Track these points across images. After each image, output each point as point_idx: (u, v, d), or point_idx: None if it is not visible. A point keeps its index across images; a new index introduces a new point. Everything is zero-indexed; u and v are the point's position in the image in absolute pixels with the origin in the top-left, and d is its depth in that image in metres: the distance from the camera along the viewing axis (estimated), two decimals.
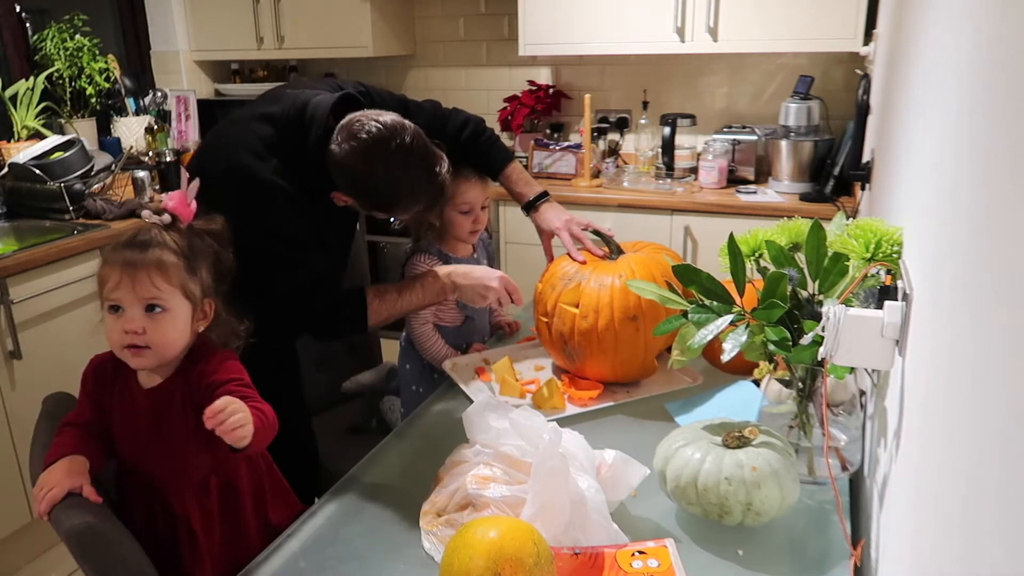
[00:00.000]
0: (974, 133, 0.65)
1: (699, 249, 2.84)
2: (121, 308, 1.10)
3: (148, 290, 1.09)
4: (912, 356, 0.85)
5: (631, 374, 1.56)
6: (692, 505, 1.09)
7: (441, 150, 1.52)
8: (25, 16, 3.16)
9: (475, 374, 1.66)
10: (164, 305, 1.11)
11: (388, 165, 1.42)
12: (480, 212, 1.78)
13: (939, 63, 0.92)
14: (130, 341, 1.10)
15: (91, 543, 1.03)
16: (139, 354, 1.11)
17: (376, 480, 1.31)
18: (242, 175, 1.45)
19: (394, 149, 1.41)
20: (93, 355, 1.24)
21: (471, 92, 3.63)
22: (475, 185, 1.75)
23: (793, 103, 2.88)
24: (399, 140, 1.42)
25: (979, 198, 0.61)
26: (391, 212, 1.53)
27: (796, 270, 1.17)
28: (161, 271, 1.11)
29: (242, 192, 1.46)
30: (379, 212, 1.53)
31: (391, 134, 1.41)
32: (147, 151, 3.29)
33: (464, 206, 1.75)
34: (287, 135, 1.48)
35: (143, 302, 1.10)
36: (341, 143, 1.42)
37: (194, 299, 1.16)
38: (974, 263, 0.60)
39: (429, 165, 1.46)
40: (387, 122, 1.43)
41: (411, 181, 1.45)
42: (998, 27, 0.59)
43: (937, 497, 0.65)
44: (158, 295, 1.10)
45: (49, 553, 2.43)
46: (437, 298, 1.62)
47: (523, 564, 0.90)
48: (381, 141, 1.41)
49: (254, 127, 1.50)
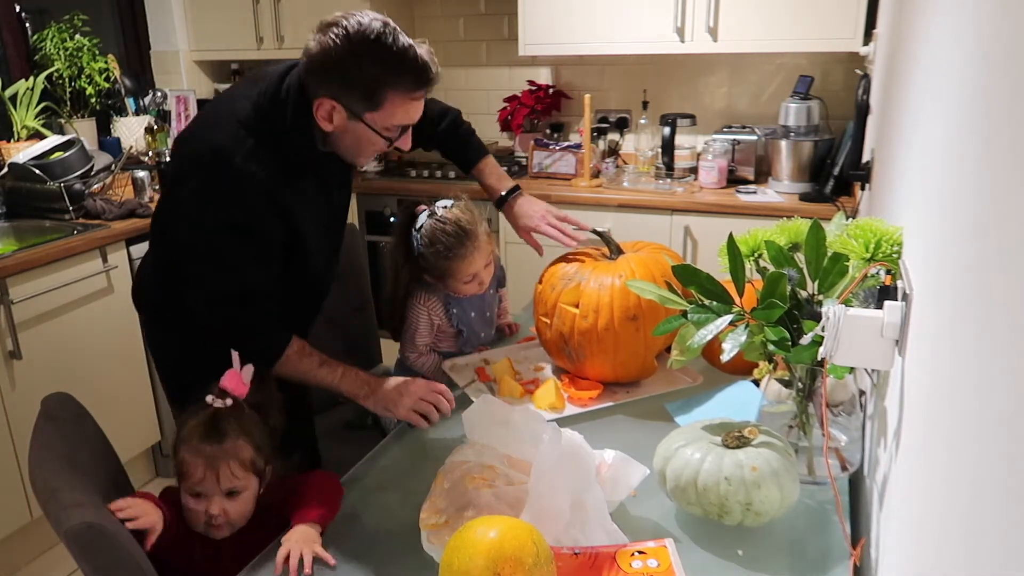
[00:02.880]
0: (974, 133, 0.65)
1: (699, 249, 2.84)
2: (203, 495, 1.20)
3: (230, 481, 1.20)
4: (912, 356, 0.85)
5: (631, 374, 1.56)
6: (692, 505, 1.09)
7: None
8: (25, 16, 3.15)
9: (475, 374, 1.66)
10: (241, 488, 1.22)
11: (371, 45, 1.33)
12: (484, 271, 1.67)
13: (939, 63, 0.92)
14: (214, 523, 1.21)
15: (91, 543, 1.03)
16: (220, 529, 1.22)
17: (376, 480, 1.32)
18: (212, 159, 1.37)
19: (376, 29, 1.33)
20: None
21: (471, 92, 3.63)
22: (475, 258, 1.63)
23: (793, 103, 2.87)
24: (380, 22, 1.35)
25: (979, 198, 0.61)
26: (379, 101, 1.36)
27: (796, 270, 1.17)
28: (239, 460, 1.21)
29: (207, 178, 1.37)
30: (368, 107, 1.37)
31: (370, 20, 1.34)
32: (147, 151, 3.29)
33: (467, 277, 1.65)
34: (265, 109, 1.40)
35: (225, 490, 1.20)
36: (319, 36, 1.34)
37: (262, 473, 1.26)
38: (974, 263, 0.60)
39: (413, 44, 1.38)
40: (365, 15, 1.36)
41: (398, 56, 1.34)
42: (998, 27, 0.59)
43: (937, 497, 0.65)
44: (237, 483, 1.21)
45: (49, 553, 2.43)
46: (347, 392, 1.49)
47: (523, 564, 0.90)
48: (361, 25, 1.33)
49: (235, 107, 1.42)
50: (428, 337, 1.73)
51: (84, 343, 2.49)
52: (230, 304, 1.42)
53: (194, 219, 1.39)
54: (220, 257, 1.40)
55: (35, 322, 2.33)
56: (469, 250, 1.61)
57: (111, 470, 1.32)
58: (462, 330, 1.74)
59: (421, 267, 1.67)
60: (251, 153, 1.37)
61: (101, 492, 1.17)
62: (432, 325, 1.72)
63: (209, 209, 1.38)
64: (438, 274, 1.65)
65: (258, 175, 1.37)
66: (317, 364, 1.47)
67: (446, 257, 1.61)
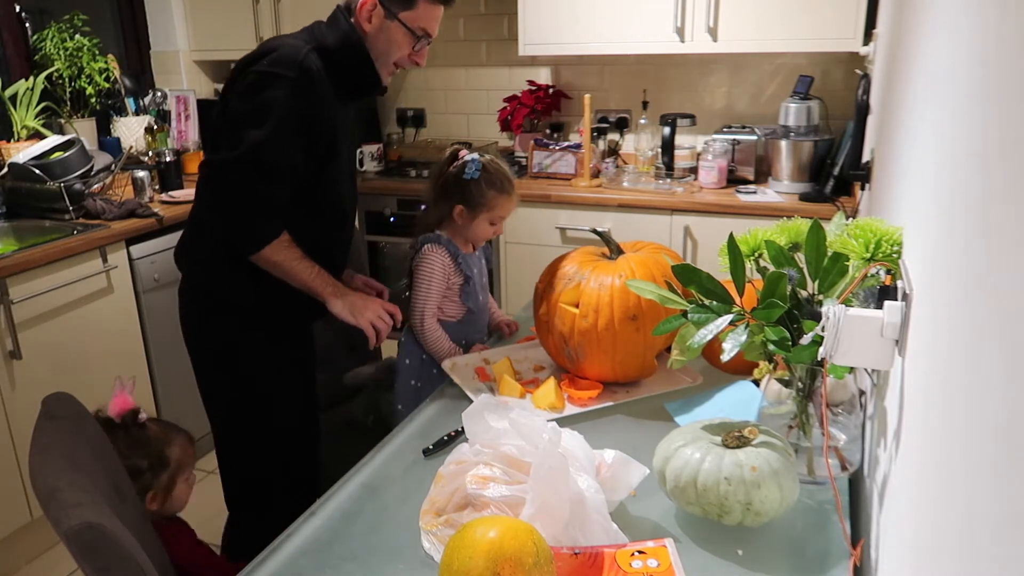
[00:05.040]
0: (974, 133, 0.65)
1: (699, 249, 2.84)
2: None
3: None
4: (912, 356, 0.85)
5: (631, 374, 1.56)
6: (691, 505, 1.09)
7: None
8: (25, 16, 3.15)
9: (474, 374, 1.66)
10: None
11: None
12: (501, 226, 1.86)
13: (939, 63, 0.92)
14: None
15: (91, 543, 1.03)
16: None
17: (376, 480, 1.32)
18: (288, 53, 1.56)
19: None
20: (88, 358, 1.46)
21: (471, 92, 3.63)
22: (513, 201, 1.83)
23: (793, 103, 2.87)
24: None
25: (979, 198, 0.61)
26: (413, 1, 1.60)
27: (796, 270, 1.17)
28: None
29: (270, 63, 1.54)
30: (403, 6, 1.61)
31: None
32: (147, 151, 3.29)
33: (496, 218, 1.82)
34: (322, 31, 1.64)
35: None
36: None
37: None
38: (974, 263, 0.60)
39: None
40: None
41: None
42: (998, 27, 0.59)
43: (937, 497, 0.65)
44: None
45: (49, 553, 2.43)
46: (320, 288, 1.64)
47: (522, 564, 0.90)
48: None
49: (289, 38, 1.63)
50: (439, 290, 1.80)
51: (84, 343, 2.49)
52: (259, 171, 1.54)
53: (260, 89, 1.53)
54: (272, 125, 1.53)
55: (35, 322, 2.33)
56: (512, 193, 1.82)
57: (111, 470, 1.32)
58: (469, 277, 1.83)
59: (459, 197, 1.79)
60: (314, 61, 1.57)
61: (101, 492, 1.17)
62: (444, 273, 1.80)
63: (279, 84, 1.53)
64: (478, 202, 1.78)
65: (322, 77, 1.58)
66: (299, 256, 1.62)
67: (494, 187, 1.78)
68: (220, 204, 1.59)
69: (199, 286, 1.74)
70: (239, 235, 1.58)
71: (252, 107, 1.54)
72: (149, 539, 1.29)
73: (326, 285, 1.63)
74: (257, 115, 1.53)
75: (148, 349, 2.71)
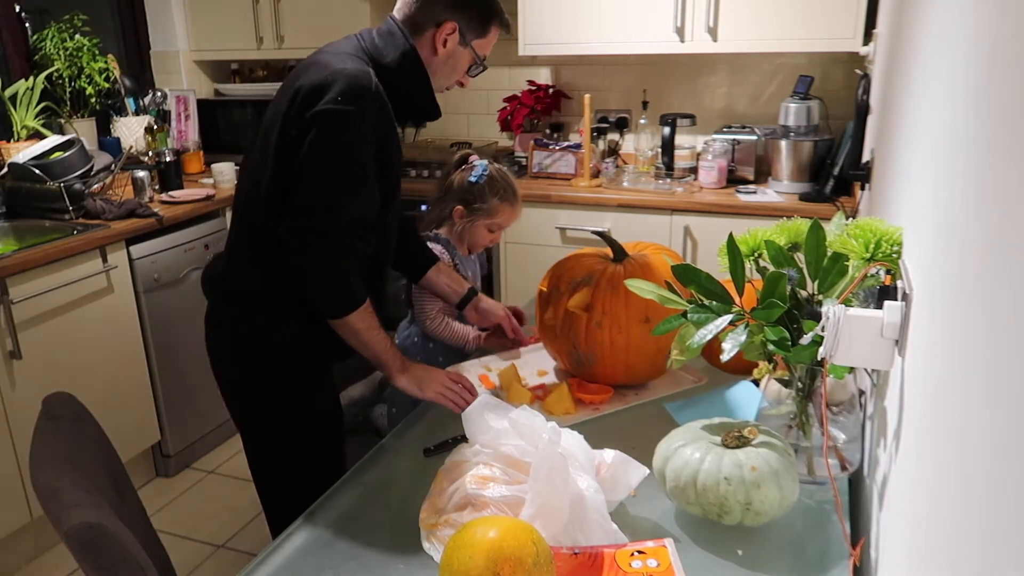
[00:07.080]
0: (974, 132, 0.65)
1: (699, 249, 2.84)
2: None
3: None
4: (912, 356, 0.85)
5: (642, 376, 1.56)
6: (691, 505, 1.09)
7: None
8: (25, 16, 3.15)
9: (478, 382, 1.63)
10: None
11: None
12: (499, 235, 1.90)
13: (939, 63, 0.92)
14: None
15: (91, 543, 1.03)
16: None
17: (375, 480, 1.32)
18: (349, 83, 1.39)
19: None
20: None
21: (471, 92, 3.62)
22: (514, 212, 1.86)
23: (793, 103, 2.88)
24: None
25: (979, 198, 0.61)
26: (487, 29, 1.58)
27: (795, 270, 1.17)
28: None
29: (344, 99, 1.38)
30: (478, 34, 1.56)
31: None
32: (147, 151, 3.29)
33: (495, 226, 1.86)
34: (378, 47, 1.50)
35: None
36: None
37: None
38: (974, 263, 0.60)
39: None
40: None
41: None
42: (998, 27, 0.59)
43: (936, 497, 0.65)
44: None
45: (49, 553, 2.43)
46: (389, 361, 1.54)
47: (522, 564, 0.90)
48: None
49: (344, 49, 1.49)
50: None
51: (84, 343, 2.49)
52: (356, 235, 1.45)
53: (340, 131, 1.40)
54: (361, 179, 1.43)
55: (35, 322, 2.33)
56: (515, 204, 1.86)
57: (111, 470, 1.32)
58: (466, 276, 1.86)
59: (461, 198, 1.82)
60: (378, 83, 1.44)
61: (101, 492, 1.17)
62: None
63: (357, 123, 1.40)
64: (481, 206, 1.82)
65: (387, 101, 1.45)
66: (377, 326, 1.53)
67: (497, 194, 1.81)
68: (317, 272, 1.44)
69: (236, 319, 1.61)
70: (335, 301, 1.45)
71: (338, 161, 1.40)
72: (149, 539, 1.29)
73: (395, 359, 1.53)
74: (345, 172, 1.41)
75: (148, 349, 2.71)
